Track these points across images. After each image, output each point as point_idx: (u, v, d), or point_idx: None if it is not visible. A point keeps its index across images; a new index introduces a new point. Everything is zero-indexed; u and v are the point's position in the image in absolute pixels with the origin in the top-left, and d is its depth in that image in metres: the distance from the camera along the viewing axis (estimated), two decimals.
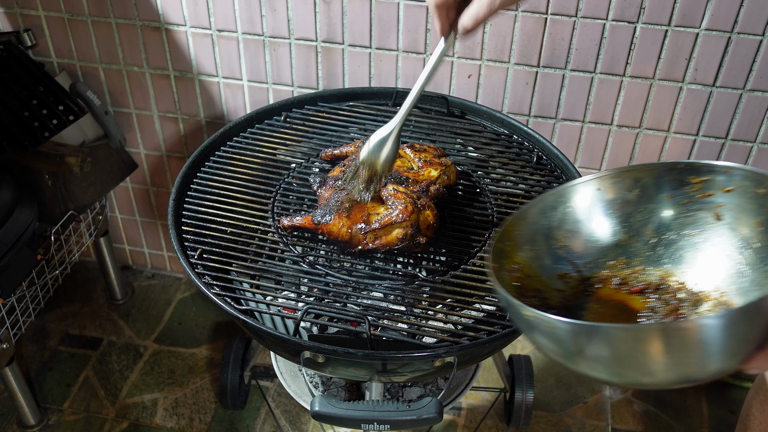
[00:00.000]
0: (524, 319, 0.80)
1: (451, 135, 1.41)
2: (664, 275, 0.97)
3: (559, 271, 0.99)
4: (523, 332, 0.85)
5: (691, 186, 0.95)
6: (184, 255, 1.15)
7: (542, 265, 0.98)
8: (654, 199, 0.98)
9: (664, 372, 0.74)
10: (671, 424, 1.74)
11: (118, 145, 1.72)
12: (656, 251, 0.99)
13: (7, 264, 1.41)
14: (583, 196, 1.00)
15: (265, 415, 1.75)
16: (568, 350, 0.79)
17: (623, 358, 0.75)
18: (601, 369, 0.79)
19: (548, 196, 0.99)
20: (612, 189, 0.99)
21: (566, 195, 0.99)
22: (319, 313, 1.12)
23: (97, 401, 1.78)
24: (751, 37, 1.38)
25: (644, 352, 0.72)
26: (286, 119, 1.43)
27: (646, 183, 0.98)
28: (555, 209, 1.00)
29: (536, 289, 0.96)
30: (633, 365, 0.75)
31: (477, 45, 1.50)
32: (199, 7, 1.57)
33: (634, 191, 0.99)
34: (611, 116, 1.55)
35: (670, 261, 0.98)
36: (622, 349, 0.74)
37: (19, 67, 1.55)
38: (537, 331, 0.80)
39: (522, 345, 1.93)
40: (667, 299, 0.95)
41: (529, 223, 0.98)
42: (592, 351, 0.76)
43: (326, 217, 1.13)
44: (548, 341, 0.80)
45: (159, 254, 2.09)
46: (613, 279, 0.99)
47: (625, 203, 0.99)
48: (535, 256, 0.98)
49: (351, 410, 1.01)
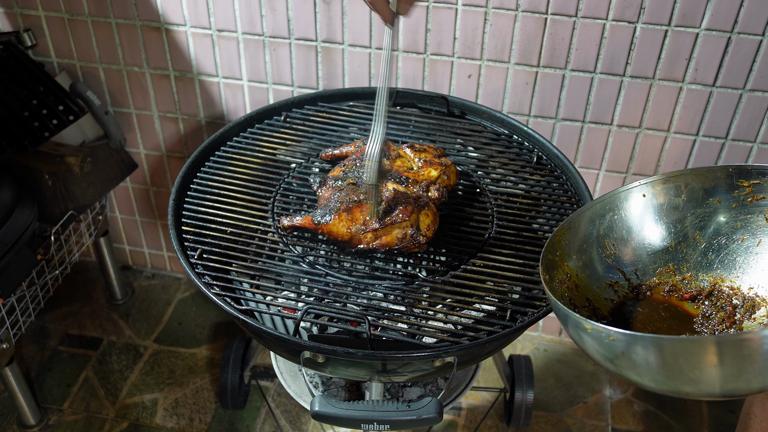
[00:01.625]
0: (583, 332, 0.79)
1: (451, 135, 1.41)
2: (716, 281, 0.96)
3: (608, 279, 0.99)
4: (575, 341, 0.84)
5: (741, 189, 0.94)
6: (184, 255, 1.15)
7: (591, 274, 0.98)
8: (703, 204, 0.97)
9: (711, 384, 0.73)
10: (671, 424, 1.74)
11: (118, 145, 1.72)
12: (707, 257, 0.98)
13: (7, 264, 1.41)
14: (630, 203, 0.99)
15: (265, 415, 1.75)
16: (619, 358, 0.78)
17: (674, 368, 0.74)
18: (645, 375, 0.78)
19: (595, 203, 0.99)
20: (660, 195, 0.99)
21: (613, 202, 0.99)
22: (319, 313, 1.12)
23: (97, 401, 1.78)
24: (751, 37, 1.38)
25: (698, 363, 0.71)
26: (286, 119, 1.43)
27: (695, 188, 0.97)
28: (603, 217, 0.99)
29: (586, 298, 0.96)
30: (682, 375, 0.74)
31: (477, 45, 1.50)
32: (199, 7, 1.57)
33: (681, 196, 0.98)
34: (611, 116, 1.55)
35: (722, 266, 0.97)
36: (676, 360, 0.73)
37: (19, 67, 1.55)
38: (594, 341, 0.79)
39: (522, 345, 1.93)
40: (721, 305, 0.94)
41: (577, 231, 0.98)
42: (644, 359, 0.75)
43: (326, 217, 1.13)
44: (601, 348, 0.79)
45: (159, 254, 2.09)
46: (664, 286, 0.98)
47: (673, 209, 0.99)
48: (584, 266, 0.98)
49: (351, 410, 1.01)
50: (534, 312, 1.07)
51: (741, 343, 0.70)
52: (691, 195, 0.98)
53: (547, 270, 0.93)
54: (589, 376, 1.86)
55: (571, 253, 0.97)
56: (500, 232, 1.21)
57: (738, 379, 0.72)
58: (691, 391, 0.76)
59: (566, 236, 0.98)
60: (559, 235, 0.97)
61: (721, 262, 0.97)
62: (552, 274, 0.94)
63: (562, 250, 0.97)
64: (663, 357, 0.74)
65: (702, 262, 0.98)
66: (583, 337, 0.80)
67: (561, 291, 0.94)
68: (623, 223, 1.00)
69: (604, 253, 0.99)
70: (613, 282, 0.99)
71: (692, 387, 0.75)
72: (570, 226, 0.98)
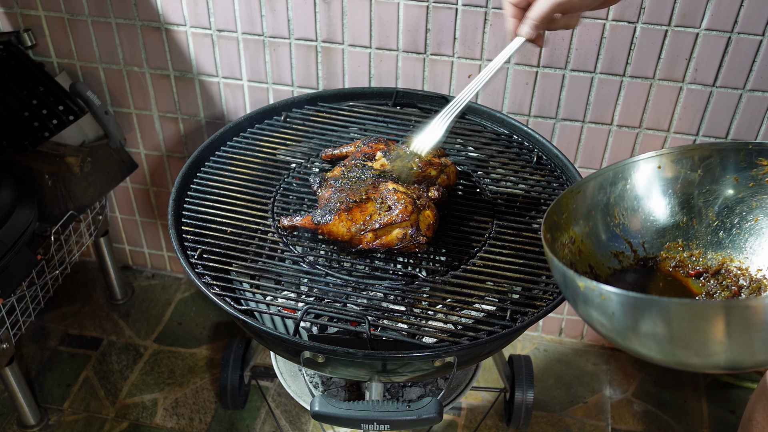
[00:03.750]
0: (578, 292, 0.76)
1: (451, 135, 1.41)
2: (724, 260, 0.94)
3: (614, 248, 0.96)
4: (576, 309, 0.81)
5: (760, 168, 0.92)
6: (184, 255, 1.15)
7: (597, 241, 0.95)
8: (718, 181, 0.95)
9: (717, 354, 0.70)
10: (671, 424, 1.74)
11: (118, 145, 1.72)
12: (718, 235, 0.95)
13: (7, 264, 1.41)
14: (644, 173, 0.96)
15: (265, 415, 1.75)
16: (622, 325, 0.75)
17: (678, 336, 0.72)
18: (652, 346, 0.75)
19: (608, 170, 0.96)
20: (674, 167, 0.96)
21: (627, 171, 0.96)
22: (319, 313, 1.12)
23: (97, 401, 1.78)
24: (751, 37, 1.38)
25: (703, 331, 0.69)
26: (286, 119, 1.43)
27: (711, 163, 0.94)
28: (614, 185, 0.96)
29: (588, 265, 0.93)
30: (687, 344, 0.72)
31: (477, 45, 1.50)
32: (199, 7, 1.57)
33: (697, 171, 0.95)
34: (611, 116, 1.55)
35: (732, 246, 0.94)
36: (679, 326, 0.70)
37: (19, 67, 1.55)
38: (591, 306, 0.76)
39: (522, 345, 1.93)
40: (727, 285, 0.92)
41: (586, 197, 0.95)
42: (647, 327, 0.72)
43: (326, 217, 1.13)
44: (601, 316, 0.76)
45: (159, 254, 2.09)
46: (670, 261, 0.95)
47: (688, 183, 0.96)
48: (590, 232, 0.95)
49: (351, 410, 1.01)
50: (534, 312, 1.07)
51: (747, 309, 0.67)
52: (707, 170, 0.95)
53: (550, 230, 0.90)
54: (589, 376, 1.86)
55: (578, 218, 0.95)
56: (500, 232, 1.21)
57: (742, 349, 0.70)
58: (693, 361, 0.74)
59: (574, 200, 0.95)
60: (567, 198, 0.94)
61: (732, 242, 0.95)
62: (555, 235, 0.92)
63: (569, 214, 0.94)
64: (655, 320, 0.71)
65: (712, 240, 0.96)
66: (578, 300, 0.78)
67: (563, 254, 0.92)
68: (635, 193, 0.97)
69: (612, 221, 0.97)
70: (619, 252, 0.97)
71: (689, 352, 0.73)
72: (579, 190, 0.95)
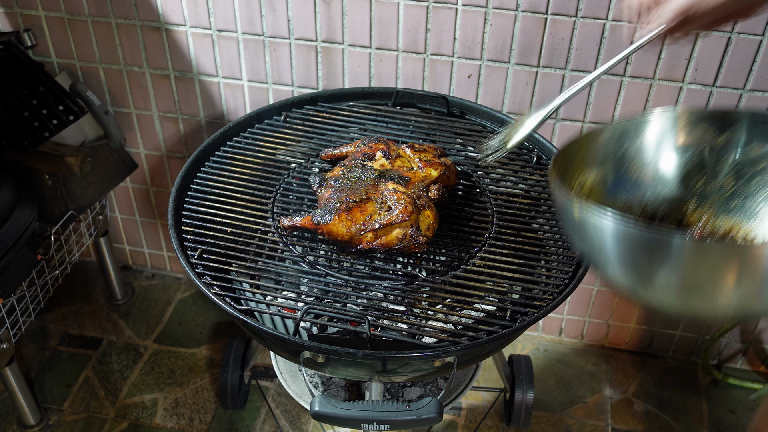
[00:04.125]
0: (571, 222, 0.75)
1: (451, 135, 1.41)
2: (733, 227, 0.93)
3: (623, 200, 0.95)
4: (586, 254, 0.79)
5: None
6: (184, 255, 1.15)
7: (607, 192, 0.94)
8: (744, 149, 0.93)
9: (728, 299, 0.71)
10: (671, 424, 1.74)
11: (118, 145, 1.72)
12: (732, 201, 0.94)
13: (7, 264, 1.41)
14: (664, 129, 0.95)
15: (265, 415, 1.75)
16: (634, 265, 0.74)
17: (689, 276, 0.71)
18: (665, 291, 0.74)
19: (626, 122, 0.94)
20: (699, 129, 0.94)
21: (645, 125, 0.94)
22: (319, 313, 1.12)
23: (97, 401, 1.78)
24: (751, 37, 1.38)
25: (712, 271, 0.69)
26: (286, 119, 1.43)
27: (739, 128, 0.93)
28: (632, 138, 0.94)
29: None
30: (699, 286, 0.71)
31: (477, 45, 1.50)
32: (199, 7, 1.57)
33: (722, 136, 0.93)
34: (611, 116, 1.55)
35: (744, 214, 0.93)
36: (691, 265, 0.70)
37: (19, 67, 1.55)
38: (580, 230, 0.75)
39: (522, 345, 1.93)
40: None
41: (601, 144, 0.94)
42: (660, 267, 0.71)
43: (326, 217, 1.13)
44: (615, 255, 0.74)
45: (159, 254, 2.09)
46: (678, 219, 0.94)
47: (711, 148, 0.94)
48: (602, 181, 0.94)
49: (351, 410, 1.01)
50: (534, 312, 1.07)
51: (750, 254, 0.68)
52: (733, 136, 0.93)
53: (559, 173, 0.88)
54: (589, 376, 1.86)
55: (591, 165, 0.93)
56: (500, 232, 1.21)
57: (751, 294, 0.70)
58: (708, 308, 0.74)
59: (587, 146, 0.93)
60: (581, 142, 0.92)
61: (745, 210, 0.94)
62: (564, 177, 0.90)
63: (582, 159, 0.92)
64: (672, 260, 0.70)
65: (725, 206, 0.95)
66: (574, 231, 0.78)
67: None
68: (654, 149, 0.95)
69: (626, 174, 0.95)
70: (628, 205, 0.95)
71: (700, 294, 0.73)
72: (594, 138, 0.94)
